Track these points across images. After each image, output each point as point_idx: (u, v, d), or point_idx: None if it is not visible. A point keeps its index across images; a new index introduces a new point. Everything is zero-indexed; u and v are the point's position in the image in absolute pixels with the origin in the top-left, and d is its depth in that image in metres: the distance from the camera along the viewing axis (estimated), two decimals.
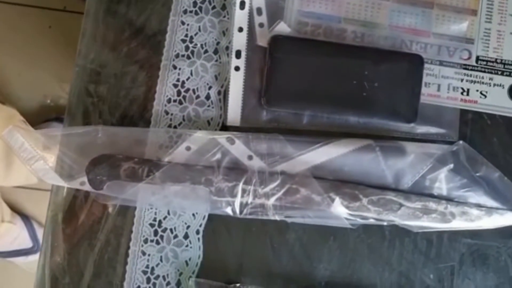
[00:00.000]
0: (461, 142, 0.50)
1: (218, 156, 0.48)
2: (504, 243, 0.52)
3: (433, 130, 0.51)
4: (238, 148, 0.48)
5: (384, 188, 0.49)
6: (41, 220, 1.14)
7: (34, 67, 1.15)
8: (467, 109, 0.53)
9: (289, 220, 0.49)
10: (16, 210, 1.14)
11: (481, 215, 0.50)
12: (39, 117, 1.14)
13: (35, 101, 1.16)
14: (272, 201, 0.48)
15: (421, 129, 0.51)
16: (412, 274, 0.51)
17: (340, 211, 0.48)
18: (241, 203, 0.48)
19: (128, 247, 0.50)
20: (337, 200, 0.48)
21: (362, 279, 0.51)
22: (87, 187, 0.48)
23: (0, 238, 1.07)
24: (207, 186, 0.48)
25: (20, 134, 0.47)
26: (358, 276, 0.51)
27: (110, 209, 0.50)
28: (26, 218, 1.13)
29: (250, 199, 0.48)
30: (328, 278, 0.51)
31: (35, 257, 1.12)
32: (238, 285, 0.48)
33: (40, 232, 1.13)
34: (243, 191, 0.48)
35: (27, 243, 1.12)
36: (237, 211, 0.48)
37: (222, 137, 0.48)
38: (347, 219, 0.49)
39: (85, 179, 0.48)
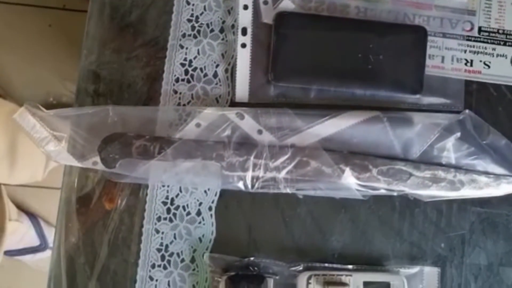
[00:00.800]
0: (467, 111, 0.51)
1: (228, 131, 0.49)
2: None
3: (438, 101, 0.52)
4: (248, 123, 0.49)
5: (393, 158, 0.50)
6: (47, 218, 1.15)
7: (35, 66, 1.15)
8: (472, 79, 0.53)
9: (300, 193, 0.50)
10: (21, 208, 1.14)
11: (489, 183, 0.50)
12: None
13: (37, 99, 1.16)
14: (283, 174, 0.48)
15: (427, 100, 0.52)
16: (423, 244, 0.52)
17: (350, 182, 0.49)
18: (252, 177, 0.49)
19: (142, 226, 0.50)
20: (347, 171, 0.49)
21: (374, 250, 0.51)
22: (99, 166, 0.48)
23: (8, 237, 1.07)
24: (218, 161, 0.48)
25: (32, 116, 0.47)
26: (370, 247, 0.51)
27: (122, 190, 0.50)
28: (32, 216, 1.13)
29: (261, 173, 0.48)
30: (340, 250, 0.51)
31: (42, 255, 1.13)
32: (252, 258, 0.49)
33: (47, 230, 1.13)
34: (254, 165, 0.48)
35: (34, 241, 1.12)
36: (249, 185, 0.49)
37: (231, 113, 0.49)
38: (357, 190, 0.49)
39: (97, 158, 0.48)
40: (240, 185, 0.49)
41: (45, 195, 1.15)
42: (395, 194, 0.51)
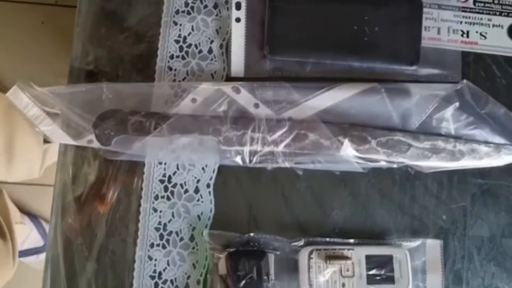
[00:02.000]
0: (464, 81, 0.50)
1: (224, 106, 0.48)
2: None
3: (436, 72, 0.52)
4: (244, 97, 0.48)
5: (392, 129, 0.49)
6: (46, 216, 1.13)
7: (29, 62, 1.14)
8: (468, 51, 0.53)
9: (299, 166, 0.49)
10: (20, 208, 1.13)
11: (489, 152, 0.50)
12: None
13: None
14: (281, 147, 0.48)
15: (424, 71, 0.51)
16: (425, 216, 0.51)
17: (349, 154, 0.48)
18: (250, 152, 0.48)
19: (139, 205, 0.49)
20: (346, 143, 0.48)
21: (375, 224, 0.51)
22: (95, 144, 0.48)
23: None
24: (216, 136, 0.47)
25: (25, 94, 0.46)
26: (371, 221, 0.51)
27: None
28: (34, 217, 1.12)
29: (259, 147, 0.48)
30: (341, 225, 0.50)
31: None
32: (252, 234, 0.48)
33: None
34: (252, 139, 0.48)
35: (38, 242, 1.11)
36: (247, 159, 0.48)
37: (227, 87, 0.48)
38: (357, 162, 0.49)
39: (92, 137, 0.48)
40: (238, 160, 0.48)
41: (42, 192, 1.13)
42: (395, 166, 0.50)
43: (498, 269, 0.51)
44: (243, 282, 0.46)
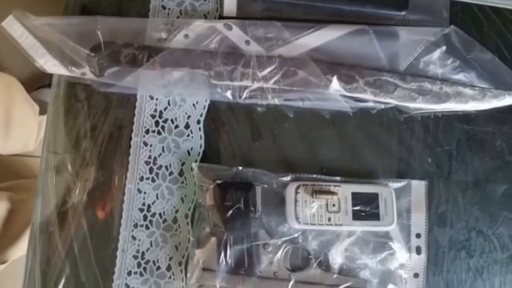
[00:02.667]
0: (452, 26, 0.51)
1: (216, 42, 0.49)
2: (499, 128, 0.53)
3: (424, 18, 0.53)
4: (236, 34, 0.49)
5: (379, 69, 0.50)
6: None
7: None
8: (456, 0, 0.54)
9: (288, 103, 0.50)
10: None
11: (475, 95, 0.51)
12: (33, 85, 1.14)
13: (28, 69, 1.16)
14: (270, 84, 0.49)
15: (413, 17, 0.53)
16: (411, 159, 0.52)
17: (338, 92, 0.49)
18: (240, 87, 0.49)
19: (130, 139, 0.50)
20: (335, 81, 0.49)
21: (362, 165, 0.52)
22: (88, 76, 0.48)
23: None
24: (206, 70, 0.48)
25: (20, 23, 0.47)
26: (358, 162, 0.52)
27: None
28: None
29: (249, 83, 0.49)
30: (329, 165, 0.51)
31: None
32: (240, 168, 0.49)
33: None
34: (242, 74, 0.49)
35: None
36: (237, 94, 0.49)
37: (219, 24, 0.49)
38: (345, 102, 0.50)
39: (86, 70, 0.48)
40: (228, 94, 0.49)
41: (37, 164, 1.14)
42: (382, 107, 0.51)
43: (481, 213, 0.52)
44: (230, 212, 0.46)
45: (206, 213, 0.48)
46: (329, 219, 0.48)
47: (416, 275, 0.50)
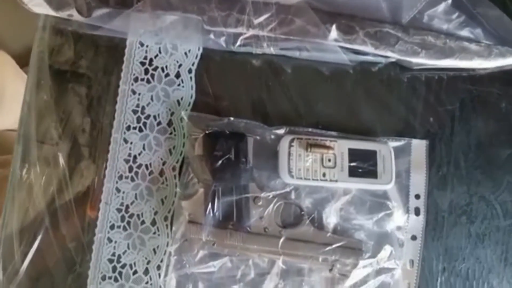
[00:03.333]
0: None
1: None
2: (505, 90, 0.51)
3: None
4: None
5: (381, 21, 0.48)
6: None
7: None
8: None
9: (284, 53, 0.48)
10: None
11: (480, 52, 0.49)
12: (26, 59, 1.12)
13: (20, 44, 1.14)
14: (266, 31, 0.46)
15: None
16: (412, 119, 0.50)
17: (336, 43, 0.47)
18: (234, 34, 0.47)
19: (118, 86, 0.48)
20: (333, 31, 0.47)
21: (360, 122, 0.49)
22: (75, 18, 0.46)
23: None
24: (200, 15, 0.46)
25: None
26: (356, 119, 0.49)
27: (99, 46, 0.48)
28: None
29: (244, 30, 0.46)
30: (325, 120, 0.49)
31: None
32: (232, 118, 0.47)
33: None
34: (237, 21, 0.46)
35: None
36: (231, 41, 0.47)
37: None
38: (344, 54, 0.48)
39: (73, 11, 0.46)
40: (222, 41, 0.47)
41: None
42: (383, 61, 0.49)
43: (484, 178, 0.50)
44: (219, 162, 0.44)
45: (194, 164, 0.45)
46: (324, 175, 0.46)
47: (413, 238, 0.47)
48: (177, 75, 0.48)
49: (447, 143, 0.50)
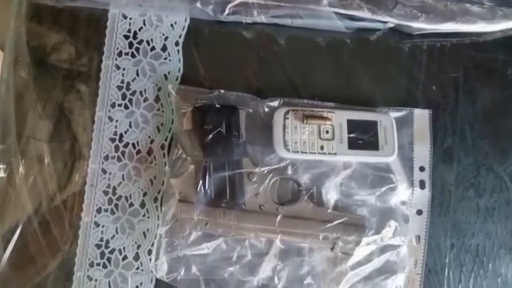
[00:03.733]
0: None
1: None
2: (511, 56, 0.48)
3: None
4: None
5: None
6: None
7: None
8: None
9: (276, 21, 0.45)
10: None
11: (483, 14, 0.46)
12: None
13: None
14: None
15: None
16: (413, 88, 0.47)
17: (331, 9, 0.44)
18: (222, 1, 0.44)
19: (101, 61, 0.45)
20: None
21: (359, 93, 0.47)
22: None
23: None
24: None
25: None
26: (355, 90, 0.47)
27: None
28: None
29: None
30: (321, 92, 0.46)
31: None
32: (222, 91, 0.44)
33: None
34: None
35: None
36: (219, 10, 0.44)
37: None
38: (340, 20, 0.45)
39: None
40: (209, 10, 0.44)
41: None
42: (381, 27, 0.46)
43: (492, 149, 0.47)
44: (210, 137, 0.41)
45: (183, 139, 0.42)
46: (322, 147, 0.43)
47: (419, 212, 0.44)
48: (164, 48, 0.45)
49: (452, 113, 0.47)
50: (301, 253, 0.43)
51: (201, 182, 0.41)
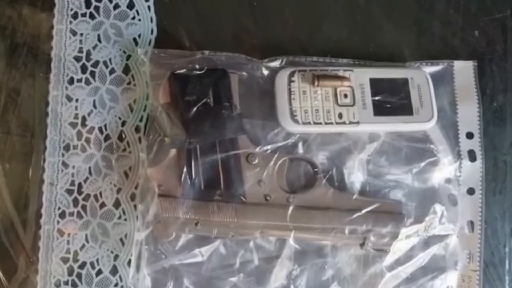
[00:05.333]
0: None
1: None
2: None
3: None
4: None
5: None
6: None
7: None
8: None
9: None
10: None
11: None
12: None
13: None
14: None
15: None
16: (449, 36, 0.38)
17: None
18: None
19: (51, 27, 0.36)
20: None
21: (382, 47, 0.38)
22: None
23: None
24: None
25: None
26: (376, 43, 0.38)
27: None
28: None
29: None
30: (334, 46, 0.37)
31: None
32: (207, 52, 0.34)
33: None
34: None
35: None
36: None
37: None
38: None
39: None
40: None
41: None
42: None
43: None
44: (194, 110, 0.32)
45: (160, 117, 0.33)
46: (340, 116, 0.33)
47: (471, 191, 0.35)
48: (130, 5, 0.36)
49: (500, 63, 0.38)
50: (322, 254, 0.34)
51: (185, 169, 0.31)
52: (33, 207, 0.35)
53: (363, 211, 0.32)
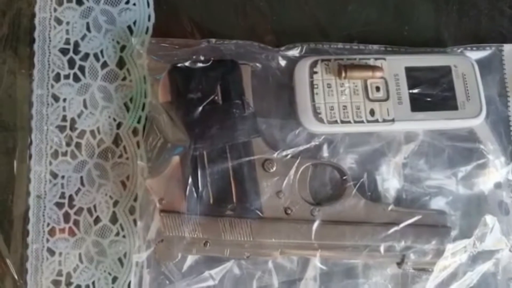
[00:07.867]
0: None
1: None
2: None
3: None
4: None
5: None
6: None
7: None
8: None
9: None
10: None
11: None
12: None
13: None
14: None
15: None
16: (497, 15, 0.33)
17: None
18: None
19: (33, 16, 0.31)
20: None
21: (417, 31, 0.33)
22: None
23: None
24: None
25: None
26: (411, 26, 0.33)
27: None
28: None
29: None
30: (362, 30, 0.32)
31: None
32: (214, 40, 0.29)
33: None
34: None
35: None
36: None
37: None
38: None
39: None
40: None
41: None
42: None
43: None
44: (199, 110, 0.27)
45: (161, 118, 0.28)
46: (372, 113, 0.28)
47: None
48: None
49: None
50: (352, 274, 0.29)
51: (190, 180, 0.26)
52: (19, 224, 0.30)
53: (401, 225, 0.28)
